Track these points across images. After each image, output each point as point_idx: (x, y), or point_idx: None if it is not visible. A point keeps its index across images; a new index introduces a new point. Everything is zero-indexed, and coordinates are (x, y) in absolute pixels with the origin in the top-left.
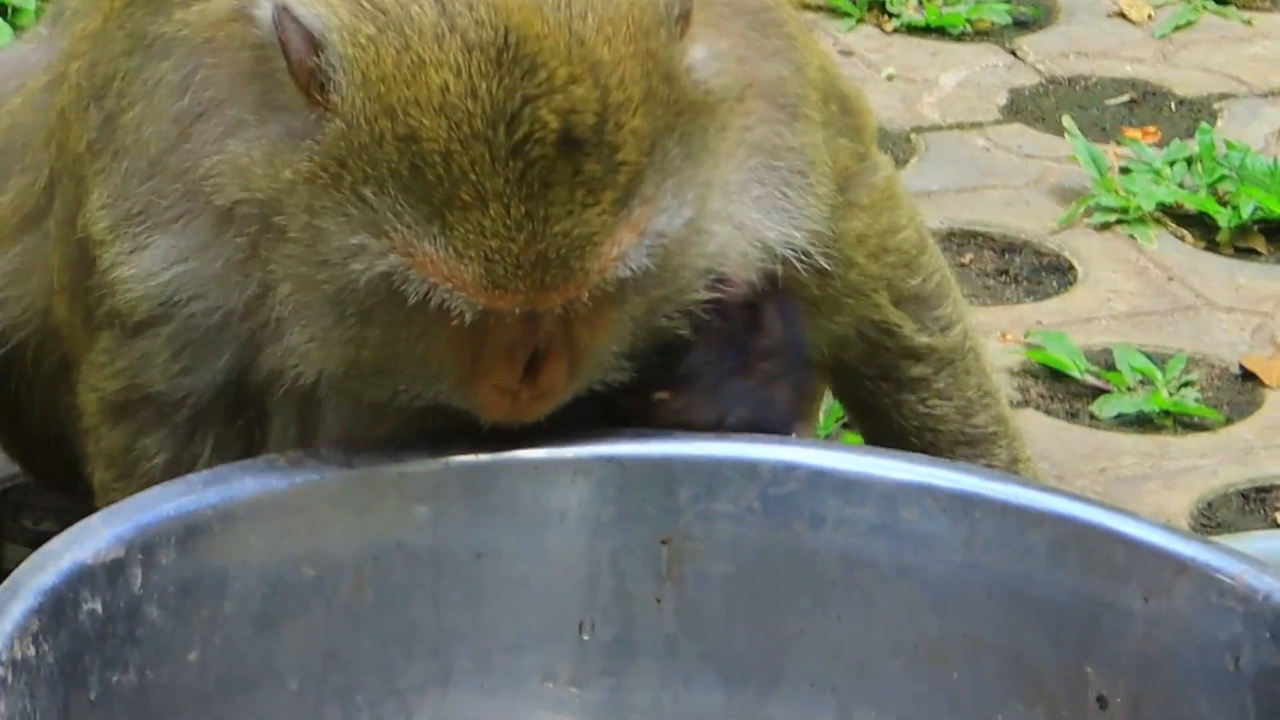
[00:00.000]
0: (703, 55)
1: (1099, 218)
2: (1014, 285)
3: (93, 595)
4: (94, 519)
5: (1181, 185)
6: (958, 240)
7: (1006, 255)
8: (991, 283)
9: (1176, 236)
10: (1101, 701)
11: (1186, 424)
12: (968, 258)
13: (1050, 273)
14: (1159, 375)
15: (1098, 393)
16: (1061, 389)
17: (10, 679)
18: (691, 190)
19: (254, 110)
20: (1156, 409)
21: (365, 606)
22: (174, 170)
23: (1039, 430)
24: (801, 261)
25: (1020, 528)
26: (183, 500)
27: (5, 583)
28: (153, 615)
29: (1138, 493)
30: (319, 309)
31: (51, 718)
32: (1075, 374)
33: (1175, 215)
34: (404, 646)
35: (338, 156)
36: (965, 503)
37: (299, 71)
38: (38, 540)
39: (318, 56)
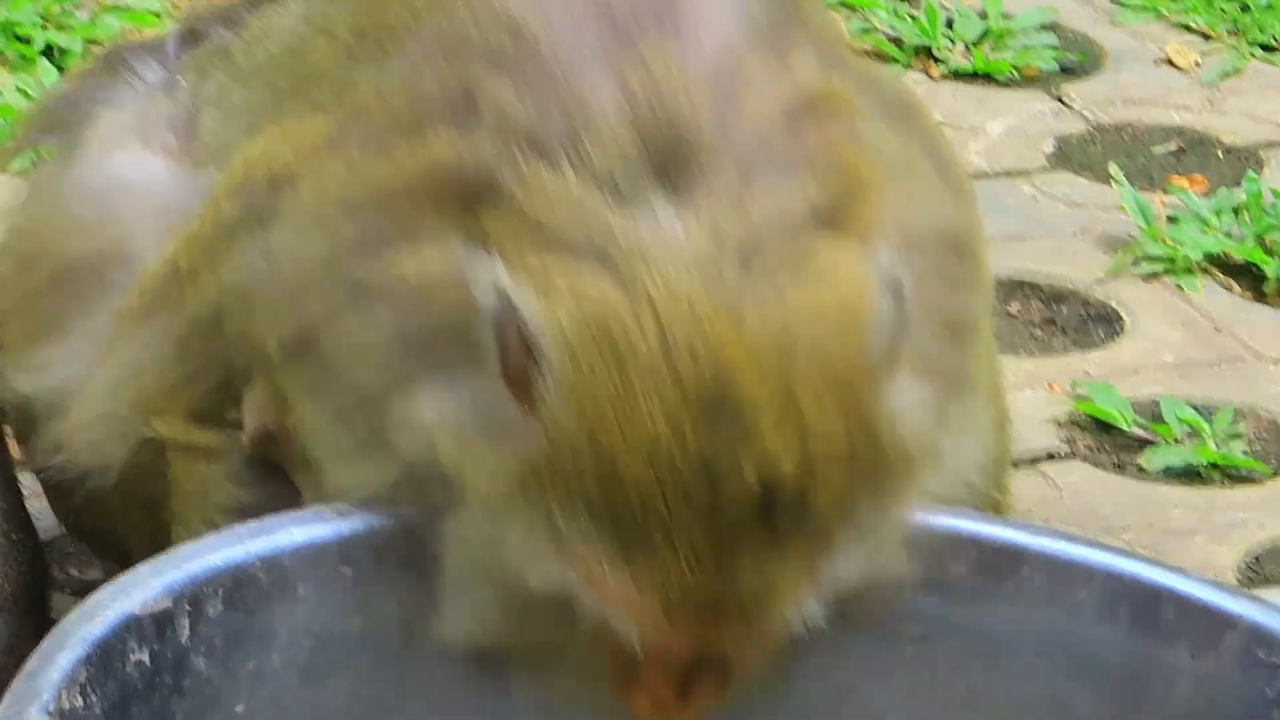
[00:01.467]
0: (903, 405)
1: (1146, 267)
2: (1061, 335)
3: (140, 646)
4: (141, 569)
5: (1229, 235)
6: (1005, 289)
7: (1054, 305)
8: (1039, 332)
9: (1224, 286)
10: None
11: (1234, 476)
12: (1015, 307)
13: (1097, 323)
14: (1206, 427)
15: (1145, 444)
16: (1109, 440)
17: None
18: (877, 536)
19: (455, 381)
20: (1204, 461)
21: (413, 658)
22: (378, 409)
23: (1086, 482)
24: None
25: (1069, 583)
26: (230, 551)
27: (53, 632)
28: (200, 666)
29: (1185, 546)
30: (479, 586)
31: None
32: (1123, 425)
33: (1222, 265)
34: (452, 698)
35: (534, 472)
36: (1014, 557)
37: (511, 368)
38: (84, 589)
39: (535, 363)
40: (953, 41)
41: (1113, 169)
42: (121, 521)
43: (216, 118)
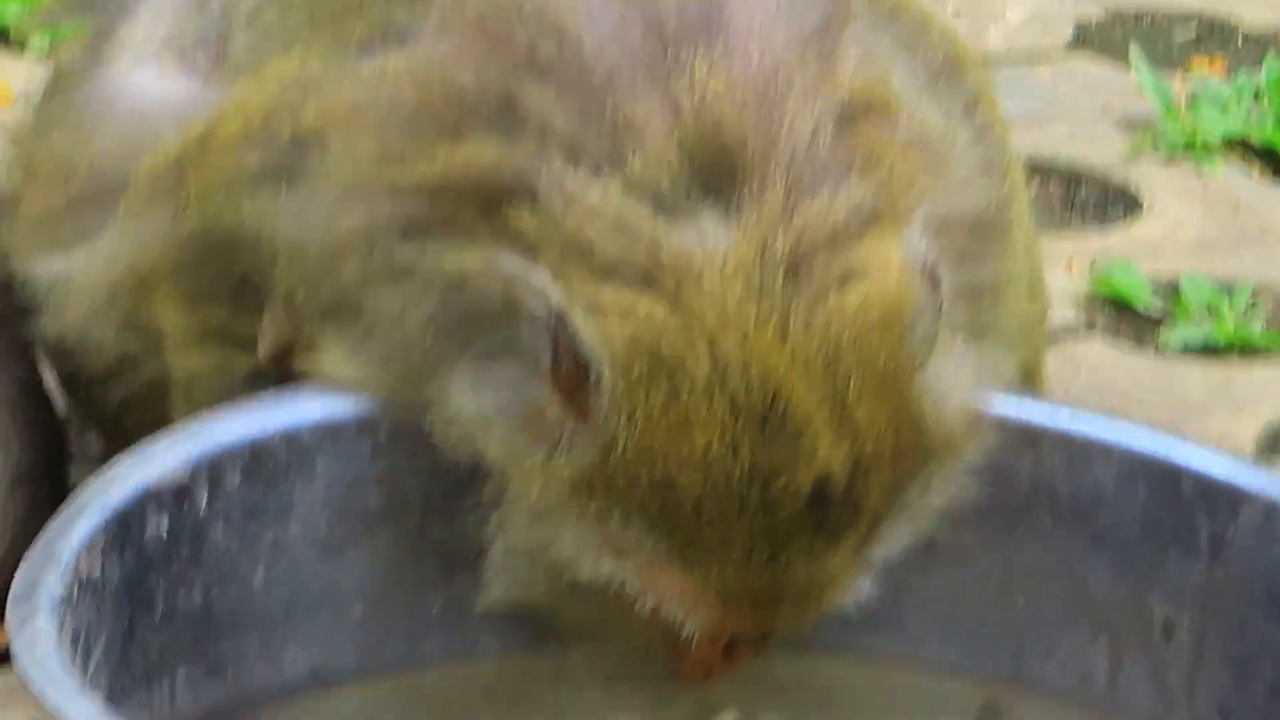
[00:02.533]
0: (942, 385)
1: (1166, 149)
2: (1080, 216)
3: (159, 516)
4: (160, 440)
5: (1248, 117)
6: (1025, 171)
7: (1073, 186)
8: (1058, 213)
9: (1243, 167)
10: (1167, 630)
11: (1252, 352)
12: (1034, 188)
13: (1117, 203)
14: (1225, 304)
15: (1164, 322)
16: (1128, 318)
17: (76, 594)
18: (924, 515)
19: (496, 376)
20: (1223, 338)
21: (431, 532)
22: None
23: (1105, 359)
24: None
25: (1087, 459)
26: (249, 423)
27: (71, 500)
28: (218, 537)
29: (1203, 421)
30: (526, 564)
31: (116, 636)
32: (1141, 303)
33: (1242, 146)
34: (472, 571)
35: (586, 482)
36: (1033, 435)
37: (561, 378)
38: (102, 462)
39: (587, 375)
40: None
41: (1133, 52)
42: (124, 411)
43: (248, 39)
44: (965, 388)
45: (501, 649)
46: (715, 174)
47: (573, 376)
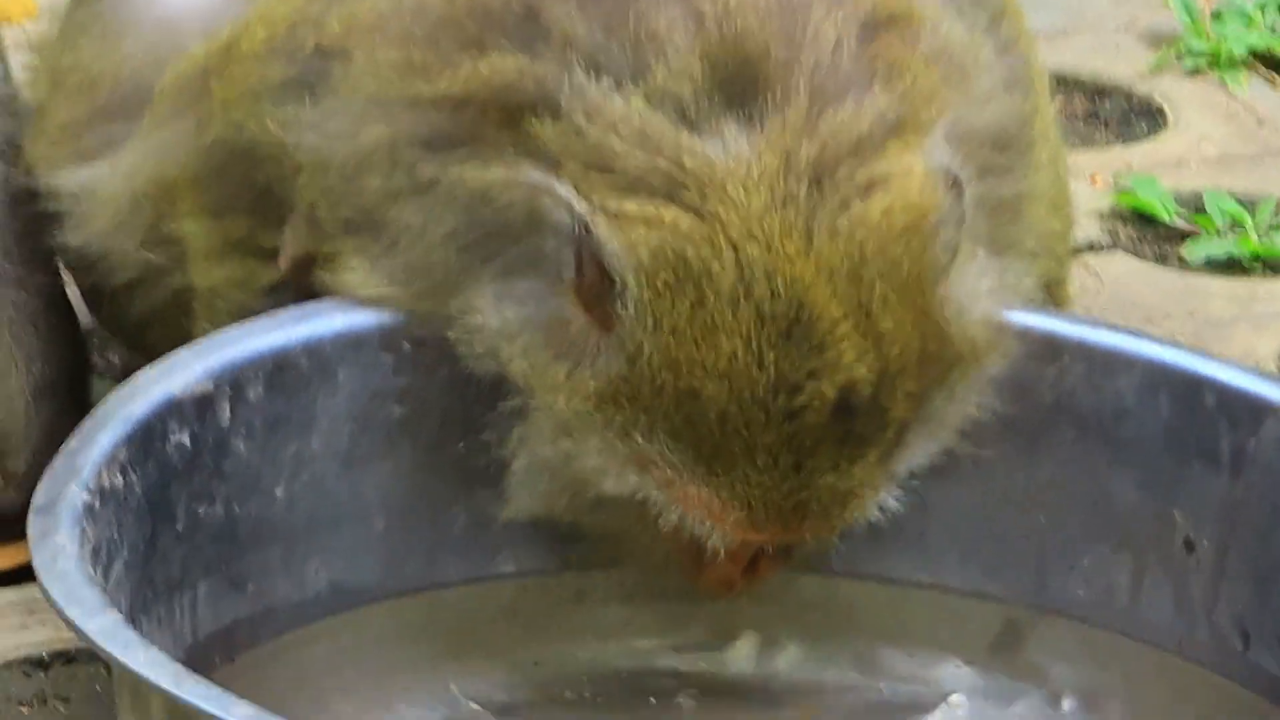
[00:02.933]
0: (965, 293)
1: (1189, 62)
2: (1104, 129)
3: (181, 427)
4: (182, 352)
5: (1273, 30)
6: (1049, 86)
7: (1096, 99)
8: (1081, 126)
9: (1267, 81)
10: (1188, 545)
11: (1276, 267)
12: (1058, 102)
13: (1140, 117)
14: (1249, 219)
15: (1187, 236)
16: (1151, 232)
17: (98, 506)
18: (948, 424)
19: (518, 289)
20: (1246, 252)
21: (452, 445)
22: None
23: (1128, 273)
24: None
25: (1109, 371)
26: (272, 336)
27: (93, 412)
28: (240, 450)
29: (1227, 335)
30: (549, 478)
31: (138, 547)
32: (1165, 217)
33: (1266, 60)
34: (493, 485)
35: (610, 391)
36: (1054, 346)
37: (585, 290)
38: (124, 375)
39: (611, 286)
40: None
41: None
42: (146, 324)
43: None
44: (987, 298)
45: (522, 568)
46: (738, 84)
47: (596, 287)
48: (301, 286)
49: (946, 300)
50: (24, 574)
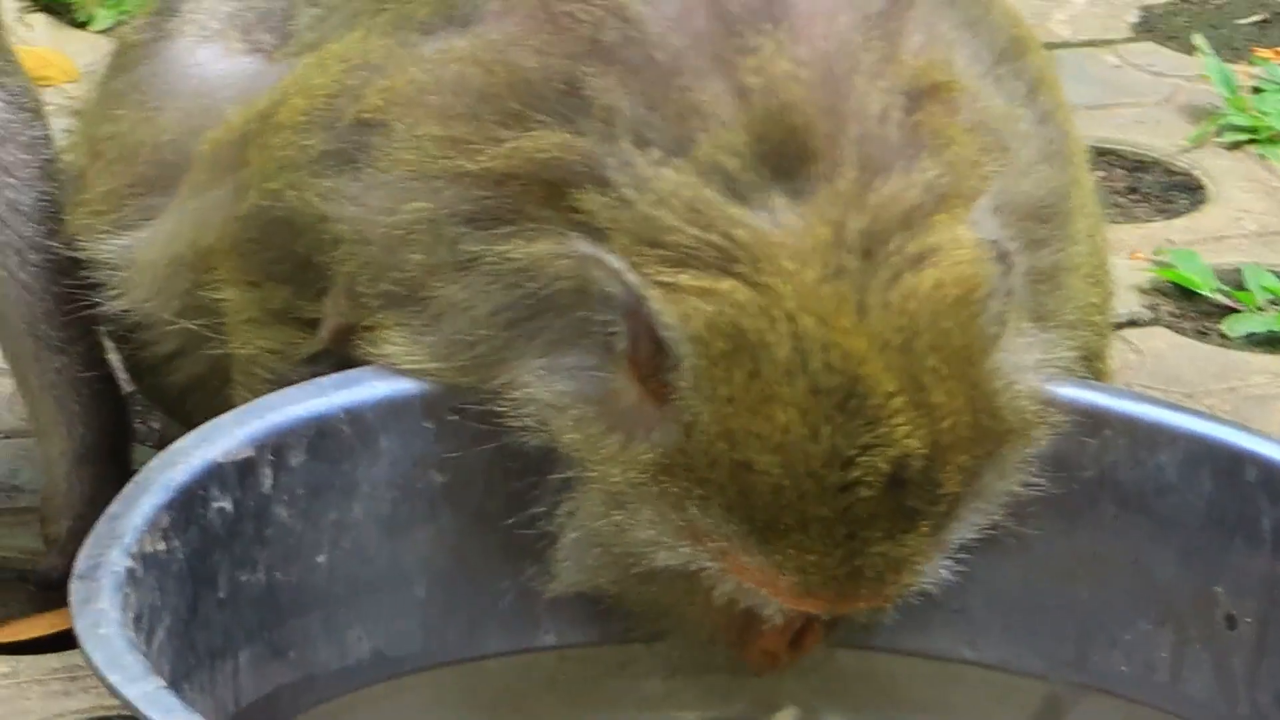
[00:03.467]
0: (1015, 369)
1: (1229, 137)
2: (1144, 203)
3: (223, 494)
4: (225, 418)
5: None
6: (1088, 158)
7: (1137, 173)
8: (1122, 200)
9: None
10: (1230, 621)
11: None
12: (1098, 175)
13: (1180, 191)
14: None
15: (1227, 312)
16: (1191, 308)
17: (141, 572)
18: (997, 497)
19: (568, 363)
20: None
21: (495, 512)
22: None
23: (1168, 348)
24: None
25: (1151, 445)
26: (314, 402)
27: (136, 478)
28: (282, 516)
29: (1267, 411)
30: (598, 552)
31: (181, 614)
32: (1205, 292)
33: None
34: (536, 556)
35: (664, 463)
36: (1097, 419)
37: (640, 362)
38: (164, 442)
39: (665, 358)
40: None
41: (1197, 39)
42: (187, 393)
43: (311, 17)
44: (1035, 369)
45: (563, 639)
46: (785, 156)
47: (651, 359)
48: (342, 356)
49: (996, 373)
50: (66, 640)
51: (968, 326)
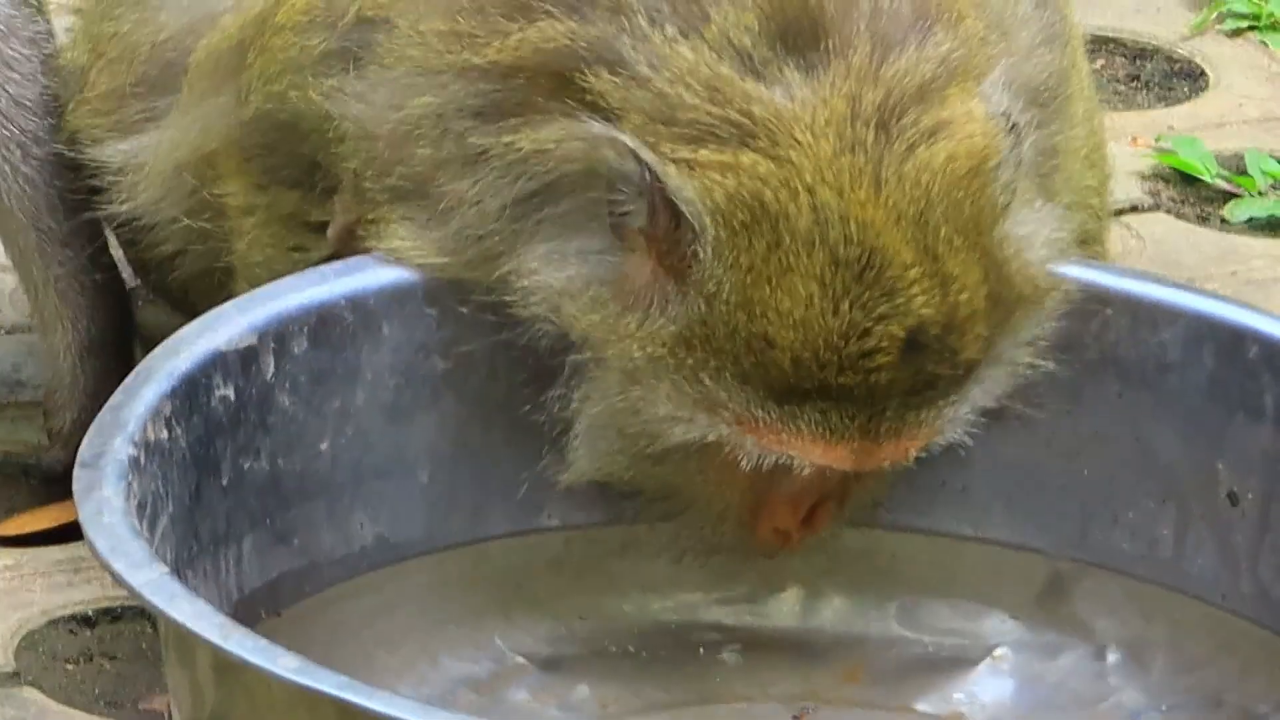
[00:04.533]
0: (1023, 233)
1: (1231, 24)
2: (1145, 91)
3: (225, 381)
4: (227, 307)
5: None
6: (1089, 46)
7: (1138, 61)
8: (1123, 88)
9: None
10: (1232, 498)
11: None
12: (1099, 63)
13: (1182, 79)
14: None
15: (1229, 197)
16: (1192, 193)
17: (143, 460)
18: (1016, 360)
19: (579, 247)
20: None
21: (497, 398)
22: (492, 255)
23: (1170, 233)
24: None
25: (1153, 324)
26: (316, 290)
27: (138, 366)
28: (285, 403)
29: (1268, 295)
30: (613, 435)
31: (183, 501)
32: (1206, 178)
33: None
34: (536, 435)
35: (685, 338)
36: (1099, 298)
37: (658, 238)
38: (167, 335)
39: (682, 231)
40: None
41: None
42: (191, 292)
43: None
44: (1044, 237)
45: (567, 522)
46: (798, 32)
47: (669, 235)
48: (348, 256)
49: (1006, 241)
50: (70, 532)
51: (979, 197)
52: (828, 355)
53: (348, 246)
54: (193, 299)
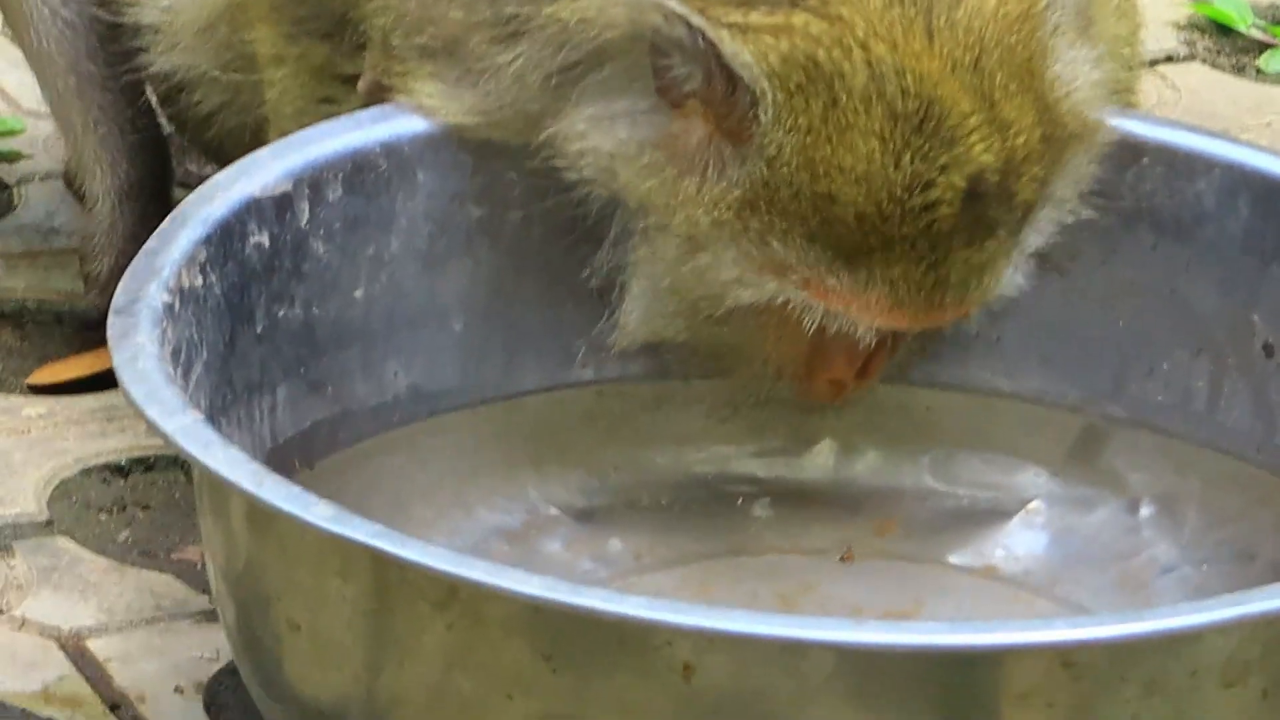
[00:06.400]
0: (1071, 73)
1: None
2: None
3: (260, 228)
4: (262, 153)
5: None
6: None
7: None
8: None
9: None
10: (1267, 350)
11: None
12: None
13: None
14: None
15: (1264, 47)
16: (1228, 43)
17: (178, 307)
18: (1066, 200)
19: (628, 107)
20: None
21: (532, 246)
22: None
23: (1205, 83)
24: None
25: (1189, 174)
26: (350, 136)
27: (173, 213)
28: (319, 250)
29: None
30: (673, 298)
31: (218, 348)
32: (1242, 28)
33: None
34: (570, 286)
35: (746, 200)
36: (1133, 148)
37: (716, 104)
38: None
39: (738, 96)
40: None
41: None
42: (228, 144)
43: None
44: (1089, 77)
45: (601, 375)
46: None
47: (725, 99)
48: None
49: (1057, 81)
50: (105, 380)
51: (1029, 40)
52: (891, 208)
53: (378, 100)
54: (230, 157)
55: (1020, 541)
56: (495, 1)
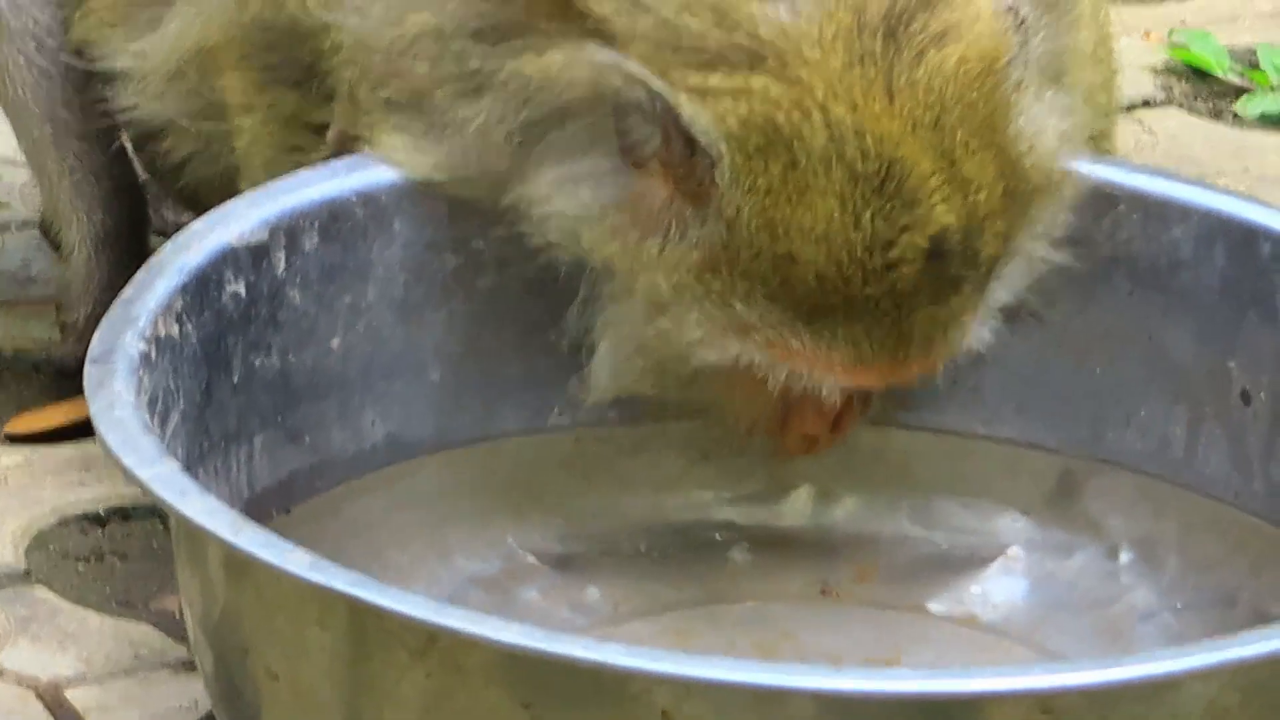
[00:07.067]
0: (1036, 126)
1: None
2: None
3: (236, 277)
4: (238, 201)
5: None
6: None
7: None
8: None
9: None
10: (1244, 397)
11: None
12: None
13: None
14: None
15: (1241, 92)
16: (1205, 88)
17: (154, 355)
18: (1033, 252)
19: (591, 168)
20: None
21: (508, 296)
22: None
23: (1182, 129)
24: None
25: (1165, 221)
26: (327, 185)
27: (150, 262)
28: (296, 299)
29: None
30: (634, 358)
31: (194, 397)
32: (1219, 73)
33: None
34: (546, 337)
35: (707, 261)
36: (1110, 195)
37: (676, 167)
38: (177, 231)
39: (698, 159)
40: None
41: None
42: (201, 192)
43: None
44: (1055, 128)
45: (578, 420)
46: None
47: (685, 161)
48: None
49: (1019, 136)
50: (81, 430)
51: (992, 97)
52: (852, 268)
53: (347, 150)
54: (204, 204)
55: (999, 588)
56: (459, 56)
